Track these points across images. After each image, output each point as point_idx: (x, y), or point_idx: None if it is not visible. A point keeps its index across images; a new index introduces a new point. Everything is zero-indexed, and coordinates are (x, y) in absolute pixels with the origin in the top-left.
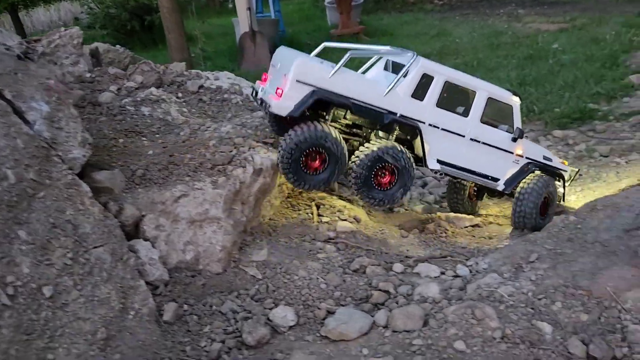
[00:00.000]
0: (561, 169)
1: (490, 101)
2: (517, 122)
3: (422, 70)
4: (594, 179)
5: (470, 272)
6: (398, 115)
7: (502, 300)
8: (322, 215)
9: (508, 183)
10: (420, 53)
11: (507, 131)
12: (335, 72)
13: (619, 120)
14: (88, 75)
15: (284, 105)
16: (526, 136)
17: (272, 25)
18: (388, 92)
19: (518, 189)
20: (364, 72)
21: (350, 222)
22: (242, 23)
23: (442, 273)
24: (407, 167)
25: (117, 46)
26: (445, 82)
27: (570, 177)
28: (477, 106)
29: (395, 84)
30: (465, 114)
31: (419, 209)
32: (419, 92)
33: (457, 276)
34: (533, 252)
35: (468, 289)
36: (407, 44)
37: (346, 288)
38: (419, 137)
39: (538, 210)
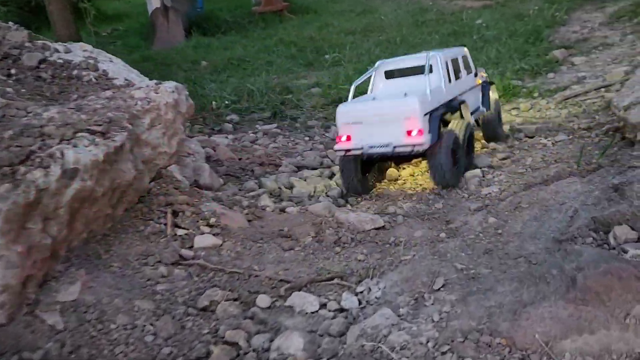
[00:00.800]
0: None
1: (463, 59)
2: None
3: (444, 60)
4: (519, 163)
5: (360, 303)
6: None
7: (391, 359)
8: (180, 227)
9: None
10: (344, 31)
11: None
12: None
13: (544, 97)
14: None
15: (427, 139)
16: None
17: (188, 1)
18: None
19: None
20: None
21: (216, 234)
22: None
23: (323, 306)
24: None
25: (10, 23)
26: (447, 62)
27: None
28: (462, 66)
29: (442, 78)
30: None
31: (318, 207)
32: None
33: (341, 310)
34: (439, 275)
35: (348, 336)
36: (332, 21)
37: (181, 341)
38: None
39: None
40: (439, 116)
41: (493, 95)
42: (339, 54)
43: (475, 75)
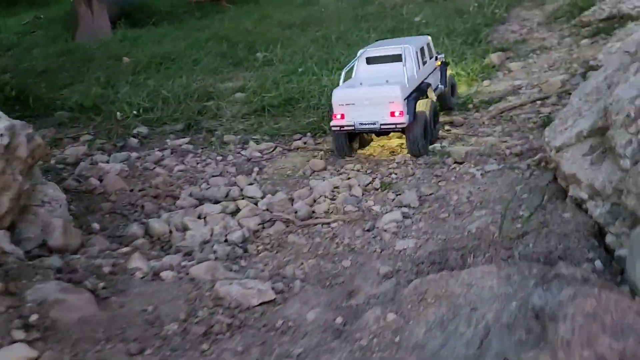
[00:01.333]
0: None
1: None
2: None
3: (415, 51)
4: (443, 203)
5: None
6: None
7: None
8: None
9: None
10: (282, 24)
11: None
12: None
13: (479, 110)
14: None
15: (406, 119)
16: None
17: None
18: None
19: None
20: (350, 70)
21: (34, 341)
22: None
23: None
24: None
25: None
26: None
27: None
28: (427, 53)
29: (414, 67)
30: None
31: (201, 269)
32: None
33: None
34: None
35: None
36: (271, 12)
37: None
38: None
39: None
40: (415, 99)
41: (448, 73)
42: (272, 52)
43: (436, 58)
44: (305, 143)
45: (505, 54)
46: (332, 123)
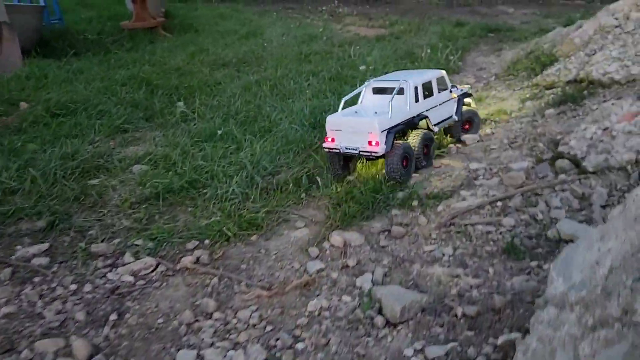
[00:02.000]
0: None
1: (438, 80)
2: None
3: (412, 85)
4: None
5: None
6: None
7: None
8: None
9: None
10: (218, 60)
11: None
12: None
13: (425, 210)
14: None
15: (382, 149)
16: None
17: (33, 14)
18: (409, 107)
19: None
20: (356, 97)
21: None
22: None
23: None
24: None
25: None
26: (416, 87)
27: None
28: (434, 87)
29: (408, 101)
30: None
31: None
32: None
33: None
34: None
35: None
36: (209, 45)
37: None
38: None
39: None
40: (394, 132)
41: (466, 108)
42: (195, 101)
43: (451, 91)
44: (197, 260)
45: None
46: (324, 144)
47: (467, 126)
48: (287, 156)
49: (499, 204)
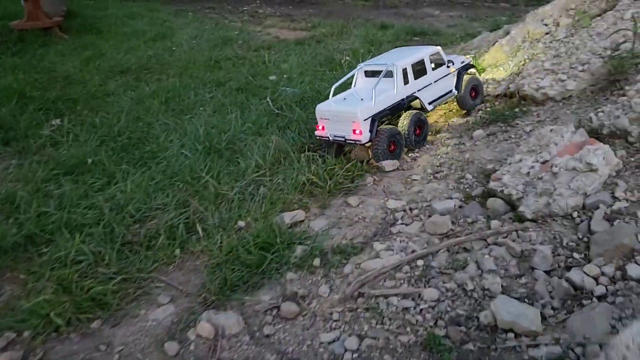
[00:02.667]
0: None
1: (432, 57)
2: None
3: (400, 68)
4: None
5: None
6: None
7: None
8: None
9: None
10: (116, 67)
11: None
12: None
13: (329, 272)
14: None
15: (365, 137)
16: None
17: None
18: (396, 90)
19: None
20: (350, 79)
21: None
22: None
23: None
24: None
25: None
26: (405, 69)
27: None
28: (427, 64)
29: (396, 84)
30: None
31: None
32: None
33: None
34: None
35: None
36: (111, 48)
37: None
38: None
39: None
40: (378, 119)
41: (469, 75)
42: (73, 119)
43: (449, 65)
44: None
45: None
46: (316, 132)
47: (473, 94)
48: (165, 194)
49: (420, 262)
